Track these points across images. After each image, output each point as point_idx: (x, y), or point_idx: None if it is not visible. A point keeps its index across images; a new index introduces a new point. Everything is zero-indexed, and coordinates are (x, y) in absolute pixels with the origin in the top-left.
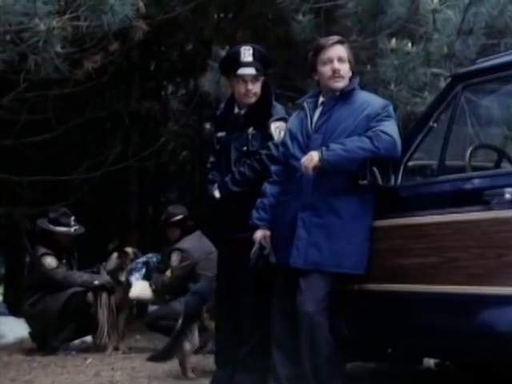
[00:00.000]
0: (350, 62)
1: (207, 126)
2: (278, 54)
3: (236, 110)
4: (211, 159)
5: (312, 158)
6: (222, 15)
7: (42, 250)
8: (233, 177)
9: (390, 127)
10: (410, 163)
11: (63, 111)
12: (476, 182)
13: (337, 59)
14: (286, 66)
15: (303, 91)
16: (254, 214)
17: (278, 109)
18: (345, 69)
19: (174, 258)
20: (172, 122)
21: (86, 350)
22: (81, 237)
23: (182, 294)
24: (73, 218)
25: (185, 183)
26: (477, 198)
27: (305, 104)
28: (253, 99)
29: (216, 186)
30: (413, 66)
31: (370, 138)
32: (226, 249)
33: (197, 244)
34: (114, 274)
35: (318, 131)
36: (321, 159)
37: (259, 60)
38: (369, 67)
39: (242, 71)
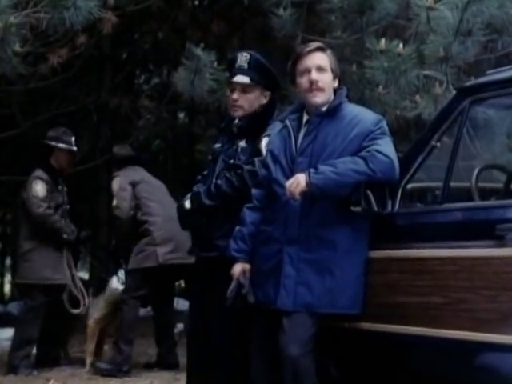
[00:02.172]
0: (333, 70)
1: (181, 115)
2: (256, 47)
3: (236, 121)
4: (204, 172)
5: (298, 182)
6: (196, 3)
7: (39, 172)
8: (208, 189)
9: (386, 146)
10: (409, 186)
11: (30, 106)
12: (487, 212)
13: (315, 69)
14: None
15: (284, 90)
16: (232, 244)
17: (276, 125)
18: (325, 80)
19: (114, 184)
20: (143, 120)
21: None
22: None
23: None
24: (73, 138)
25: (158, 174)
26: (488, 232)
27: (287, 122)
28: (238, 112)
29: (188, 195)
30: (404, 68)
31: (365, 159)
32: (196, 267)
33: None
34: None
35: (304, 154)
36: (308, 183)
37: (255, 69)
38: (354, 67)
39: (233, 78)
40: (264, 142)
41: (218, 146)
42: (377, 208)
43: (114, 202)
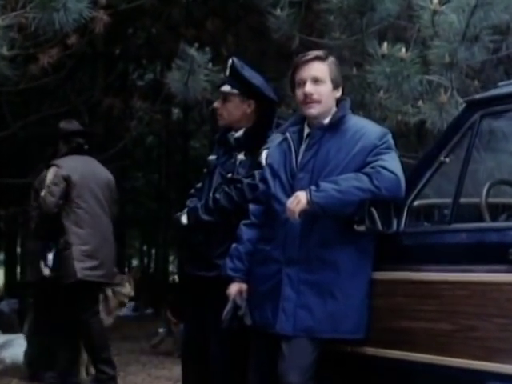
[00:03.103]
0: (333, 81)
1: (175, 111)
2: (251, 45)
3: (232, 132)
4: (197, 185)
5: (299, 201)
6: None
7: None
8: (206, 203)
9: (392, 162)
10: (416, 202)
11: (21, 107)
12: (500, 235)
13: (310, 80)
14: (259, 57)
15: (278, 89)
16: (228, 263)
17: (276, 137)
18: (321, 91)
19: (49, 174)
20: (135, 121)
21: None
22: None
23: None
24: None
25: (151, 171)
26: (501, 256)
27: (287, 134)
28: (220, 122)
29: (185, 210)
30: (407, 73)
31: (369, 176)
32: (190, 288)
33: (81, 165)
34: None
35: (304, 169)
36: (309, 202)
37: (234, 77)
38: (354, 70)
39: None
40: (264, 154)
41: (213, 158)
42: (381, 227)
43: (42, 194)
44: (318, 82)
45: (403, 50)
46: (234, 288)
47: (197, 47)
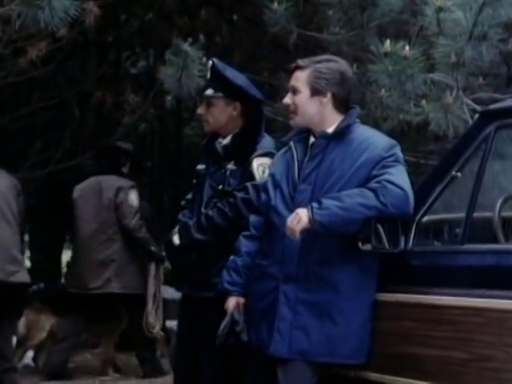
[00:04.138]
0: (312, 88)
1: (169, 98)
2: (246, 35)
3: (219, 140)
4: (188, 196)
5: (300, 219)
6: None
7: (131, 182)
8: (198, 221)
9: (399, 176)
10: (425, 218)
11: (10, 100)
12: None
13: (290, 91)
14: (254, 48)
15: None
16: (225, 276)
17: (266, 141)
18: (296, 101)
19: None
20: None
21: None
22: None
23: None
24: None
25: (144, 159)
26: None
27: (291, 143)
28: (207, 128)
29: (176, 229)
30: (410, 72)
31: (375, 192)
32: (186, 309)
33: None
34: None
35: (306, 180)
36: (311, 220)
37: (216, 79)
38: (354, 67)
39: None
40: (255, 163)
41: (202, 167)
42: (388, 245)
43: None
44: (295, 91)
45: (406, 47)
46: (231, 302)
47: (190, 42)
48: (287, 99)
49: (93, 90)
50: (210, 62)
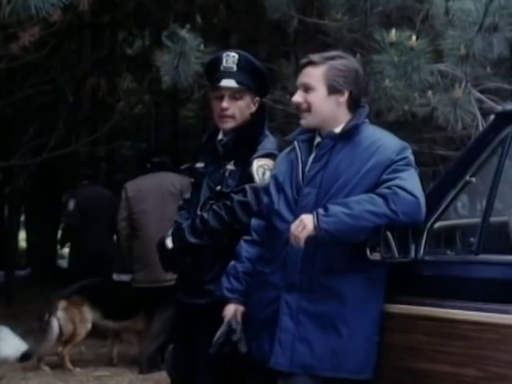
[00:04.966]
0: (329, 87)
1: (165, 78)
2: (245, 18)
3: (219, 137)
4: (186, 195)
5: (304, 226)
6: None
7: None
8: (192, 224)
9: (411, 181)
10: (437, 225)
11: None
12: None
13: (302, 88)
14: (253, 31)
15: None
16: (224, 282)
17: (268, 141)
18: (310, 99)
19: None
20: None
21: None
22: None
23: None
24: None
25: (140, 141)
26: None
27: (295, 143)
28: (229, 124)
29: (170, 232)
30: (417, 63)
31: (385, 198)
32: (179, 317)
33: None
34: None
35: (311, 183)
36: (316, 227)
37: (245, 71)
38: (358, 56)
39: (219, 83)
40: (255, 164)
41: (200, 166)
42: (397, 253)
43: None
44: (308, 89)
45: (413, 37)
46: (229, 309)
47: (188, 28)
48: (298, 97)
49: (88, 73)
50: (235, 54)
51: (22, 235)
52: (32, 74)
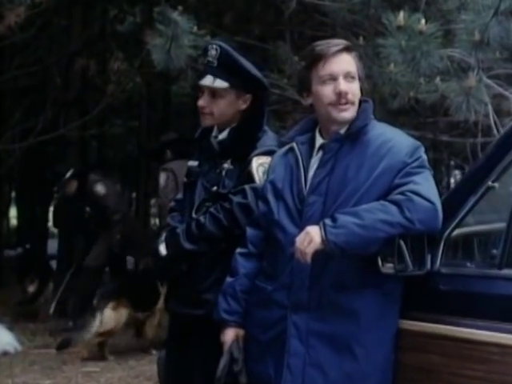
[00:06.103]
0: (360, 79)
1: (157, 61)
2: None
3: (214, 133)
4: (178, 195)
5: (311, 239)
6: None
7: None
8: (188, 229)
9: (426, 185)
10: (455, 233)
11: None
12: None
13: (343, 76)
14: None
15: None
16: (222, 303)
17: (268, 137)
18: (355, 91)
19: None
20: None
21: None
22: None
23: None
24: None
25: (132, 119)
26: None
27: (294, 145)
28: (208, 121)
29: (163, 238)
30: (426, 49)
31: (399, 206)
32: (173, 328)
33: None
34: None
35: (316, 191)
36: (324, 240)
37: (225, 67)
38: (361, 40)
39: (200, 80)
40: (255, 162)
41: (194, 164)
42: (412, 265)
43: None
44: (351, 78)
45: (422, 21)
46: (229, 335)
47: (181, 10)
48: (345, 86)
49: (77, 53)
50: (217, 47)
51: (13, 212)
52: (19, 54)
